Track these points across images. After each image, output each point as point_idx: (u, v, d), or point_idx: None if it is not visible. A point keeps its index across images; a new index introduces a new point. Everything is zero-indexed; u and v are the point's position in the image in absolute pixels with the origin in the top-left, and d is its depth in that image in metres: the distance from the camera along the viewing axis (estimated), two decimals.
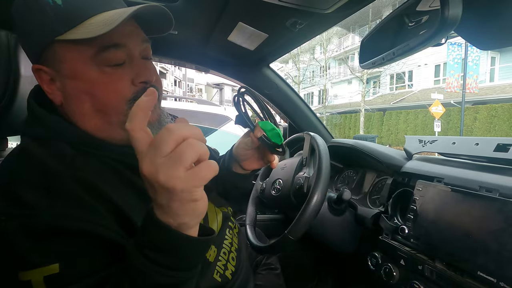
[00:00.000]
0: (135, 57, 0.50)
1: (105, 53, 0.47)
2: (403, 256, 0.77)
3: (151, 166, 0.33)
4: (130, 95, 0.49)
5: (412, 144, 0.96)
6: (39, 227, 0.39)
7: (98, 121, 0.49)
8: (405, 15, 0.60)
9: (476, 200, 0.64)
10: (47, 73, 0.49)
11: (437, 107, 10.40)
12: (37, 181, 0.42)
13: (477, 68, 11.88)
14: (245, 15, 0.87)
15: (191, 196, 0.34)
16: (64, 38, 0.45)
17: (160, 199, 0.34)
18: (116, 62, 0.48)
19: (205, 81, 25.63)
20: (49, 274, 0.38)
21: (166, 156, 0.32)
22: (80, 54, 0.47)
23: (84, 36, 0.44)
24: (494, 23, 0.50)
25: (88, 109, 0.49)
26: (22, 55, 0.66)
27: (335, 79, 20.72)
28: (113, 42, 0.47)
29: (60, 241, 0.40)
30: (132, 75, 0.50)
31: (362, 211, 0.95)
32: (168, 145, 0.32)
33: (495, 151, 0.72)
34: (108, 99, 0.48)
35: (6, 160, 0.48)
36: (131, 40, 0.49)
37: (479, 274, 0.59)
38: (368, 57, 0.70)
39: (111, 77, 0.48)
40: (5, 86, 0.64)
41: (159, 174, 0.32)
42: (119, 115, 0.49)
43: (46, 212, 0.40)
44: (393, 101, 15.87)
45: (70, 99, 0.49)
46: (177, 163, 0.32)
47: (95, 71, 0.47)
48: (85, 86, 0.47)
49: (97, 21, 0.45)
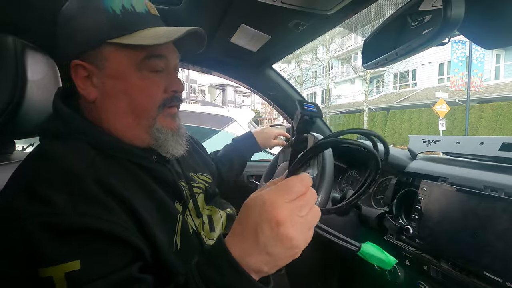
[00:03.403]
0: (171, 69, 0.57)
1: (149, 61, 0.53)
2: (408, 257, 0.77)
3: (292, 222, 0.36)
4: (161, 101, 0.55)
5: (416, 143, 0.96)
6: (60, 225, 0.40)
7: (129, 121, 0.53)
8: (407, 15, 0.60)
9: (481, 199, 0.64)
10: (86, 69, 0.52)
11: (441, 105, 10.32)
12: (58, 180, 0.44)
13: (482, 66, 11.77)
14: (247, 17, 0.87)
15: (299, 253, 0.37)
16: (119, 41, 0.51)
17: (275, 251, 0.36)
18: (157, 69, 0.54)
19: (208, 82, 25.72)
20: (70, 270, 0.39)
21: (303, 216, 0.37)
22: (127, 58, 0.52)
23: (139, 43, 0.50)
24: (497, 22, 0.50)
25: (122, 108, 0.53)
26: (29, 59, 0.68)
27: (338, 78, 20.65)
28: (158, 53, 0.53)
29: (81, 239, 0.41)
30: (166, 84, 0.55)
31: (366, 211, 0.95)
32: (309, 206, 0.38)
33: (500, 150, 0.72)
34: (143, 101, 0.53)
35: (27, 160, 0.50)
36: (170, 54, 0.56)
37: (485, 274, 0.59)
38: (371, 57, 0.70)
39: (148, 82, 0.53)
40: (13, 90, 0.65)
41: (295, 231, 0.35)
42: (149, 118, 0.54)
43: (67, 210, 0.41)
44: (396, 100, 15.77)
45: (107, 97, 0.53)
46: (309, 229, 0.37)
47: (137, 75, 0.52)
48: (124, 86, 0.52)
49: (149, 34, 0.52)
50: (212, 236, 0.63)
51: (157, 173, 0.55)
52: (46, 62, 0.74)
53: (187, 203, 0.61)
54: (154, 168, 0.55)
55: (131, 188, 0.49)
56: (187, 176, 0.65)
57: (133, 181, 0.51)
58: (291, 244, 0.35)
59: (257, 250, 0.36)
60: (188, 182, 0.64)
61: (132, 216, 0.46)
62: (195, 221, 0.60)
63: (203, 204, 0.66)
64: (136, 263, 0.44)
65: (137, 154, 0.54)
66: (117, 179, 0.48)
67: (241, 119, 3.23)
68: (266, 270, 0.37)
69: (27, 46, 0.68)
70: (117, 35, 0.51)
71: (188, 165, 0.71)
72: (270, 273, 0.38)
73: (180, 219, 0.55)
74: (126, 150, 0.53)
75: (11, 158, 0.77)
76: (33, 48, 0.70)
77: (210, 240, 0.62)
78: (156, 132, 0.54)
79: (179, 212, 0.56)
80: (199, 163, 0.77)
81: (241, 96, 31.04)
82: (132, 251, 0.45)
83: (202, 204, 0.66)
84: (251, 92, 1.47)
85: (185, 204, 0.60)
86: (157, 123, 0.55)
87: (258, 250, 0.36)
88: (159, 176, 0.56)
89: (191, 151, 0.75)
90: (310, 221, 0.37)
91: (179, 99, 0.58)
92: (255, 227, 0.36)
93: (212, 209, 0.68)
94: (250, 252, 0.37)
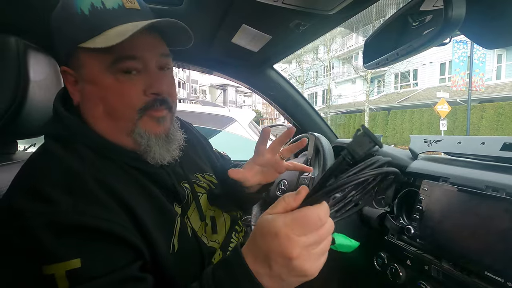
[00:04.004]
0: (151, 69, 0.52)
1: (120, 63, 0.49)
2: (409, 256, 0.77)
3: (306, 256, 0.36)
4: (140, 105, 0.51)
5: (417, 143, 0.96)
6: (62, 223, 0.41)
7: (108, 124, 0.52)
8: (408, 15, 0.61)
9: (482, 199, 0.64)
10: (72, 75, 0.52)
11: (442, 105, 10.30)
12: (60, 180, 0.45)
13: (483, 66, 11.74)
14: (248, 18, 0.87)
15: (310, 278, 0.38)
16: (85, 46, 0.48)
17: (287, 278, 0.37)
18: (130, 71, 0.50)
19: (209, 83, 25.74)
20: (71, 268, 0.39)
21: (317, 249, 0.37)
22: (98, 62, 0.49)
23: (99, 46, 0.46)
24: (498, 22, 0.50)
25: (100, 113, 0.51)
26: (32, 60, 0.68)
27: (339, 78, 20.63)
28: (129, 54, 0.49)
29: (82, 238, 0.42)
30: (145, 85, 0.51)
31: (367, 211, 0.95)
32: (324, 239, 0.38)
33: (501, 150, 0.72)
34: (119, 105, 0.50)
35: (30, 160, 0.50)
36: (147, 52, 0.51)
37: (486, 274, 0.59)
38: (372, 57, 0.70)
39: (123, 85, 0.50)
40: (15, 90, 0.65)
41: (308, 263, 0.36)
42: (128, 122, 0.51)
43: (69, 210, 0.42)
44: (398, 100, 15.74)
45: (87, 101, 0.52)
46: (322, 256, 0.38)
47: (110, 78, 0.50)
48: (99, 91, 0.50)
49: (114, 32, 0.48)
50: (214, 238, 0.62)
51: (154, 176, 0.55)
52: (48, 62, 0.75)
53: (189, 204, 0.60)
54: (151, 171, 0.54)
55: (130, 190, 0.49)
56: (189, 177, 0.64)
57: (131, 183, 0.51)
58: (305, 274, 0.37)
59: (270, 274, 0.37)
60: (190, 182, 0.63)
61: (131, 217, 0.47)
62: (195, 223, 0.59)
63: (206, 205, 0.65)
64: (136, 262, 0.45)
65: (133, 157, 0.53)
66: (117, 180, 0.48)
67: (242, 119, 3.23)
68: None
69: (29, 47, 0.68)
70: (85, 38, 0.48)
71: (195, 165, 0.69)
72: None
73: (179, 221, 0.55)
74: (122, 153, 0.52)
75: (14, 158, 0.77)
76: (35, 48, 0.71)
77: (212, 242, 0.61)
78: (137, 137, 0.52)
79: (177, 214, 0.55)
80: (206, 163, 0.75)
81: (242, 96, 31.05)
82: (131, 251, 0.45)
83: (205, 205, 0.64)
84: (252, 92, 1.47)
85: (185, 206, 0.59)
86: (138, 127, 0.51)
87: (271, 274, 0.37)
88: (157, 179, 0.55)
89: (198, 150, 0.74)
90: (324, 250, 0.38)
91: (165, 101, 0.53)
92: (268, 255, 0.37)
93: (216, 210, 0.67)
94: (263, 275, 0.38)
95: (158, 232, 0.49)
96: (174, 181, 0.58)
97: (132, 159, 0.53)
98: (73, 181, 0.45)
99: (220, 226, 0.66)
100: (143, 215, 0.48)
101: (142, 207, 0.49)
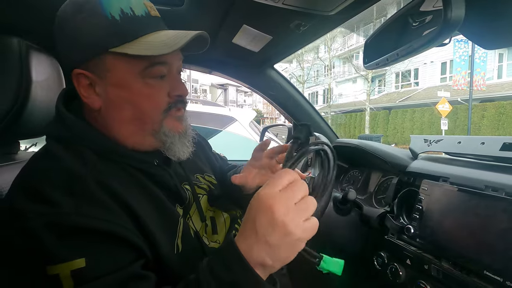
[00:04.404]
0: (173, 73, 0.55)
1: (153, 68, 0.51)
2: (409, 256, 0.77)
3: (285, 209, 0.39)
4: (165, 106, 0.54)
5: (418, 143, 0.96)
6: (64, 225, 0.41)
7: (134, 128, 0.53)
8: (409, 15, 0.61)
9: (482, 199, 0.64)
10: (88, 78, 0.51)
11: (443, 105, 10.29)
12: (62, 182, 0.45)
13: (485, 65, 11.72)
14: (249, 18, 0.88)
15: (300, 245, 0.40)
16: (120, 51, 0.48)
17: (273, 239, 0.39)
18: (160, 76, 0.52)
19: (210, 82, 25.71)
20: (76, 268, 0.40)
21: (296, 204, 0.40)
22: (130, 67, 0.50)
23: (144, 53, 0.48)
24: (498, 23, 0.50)
25: (127, 116, 0.52)
26: (34, 61, 0.68)
27: (340, 78, 20.61)
28: (161, 60, 0.51)
29: (84, 239, 0.42)
30: (169, 88, 0.54)
31: (367, 210, 0.95)
32: (300, 194, 0.41)
33: (501, 150, 0.72)
34: (147, 108, 0.52)
35: (32, 161, 0.50)
36: (173, 59, 0.54)
37: (486, 274, 0.59)
38: (372, 57, 0.70)
39: (152, 90, 0.52)
40: (17, 91, 0.66)
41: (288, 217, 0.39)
42: (155, 124, 0.53)
43: (71, 212, 0.42)
44: (398, 99, 15.72)
45: (112, 105, 0.52)
46: (303, 213, 0.40)
47: (139, 83, 0.51)
48: (128, 95, 0.51)
49: (155, 40, 0.49)
50: (215, 238, 0.63)
51: (157, 177, 0.56)
52: (50, 63, 0.75)
53: (190, 206, 0.61)
54: (154, 173, 0.55)
55: (132, 191, 0.50)
56: (190, 178, 0.65)
57: (134, 185, 0.51)
58: (286, 230, 0.38)
59: (257, 240, 0.39)
60: (191, 183, 0.64)
61: (133, 218, 0.47)
62: (197, 224, 0.60)
63: (206, 206, 0.66)
64: (138, 261, 0.46)
65: (137, 158, 0.54)
66: (119, 182, 0.49)
67: (243, 119, 3.23)
68: (270, 263, 0.40)
69: (31, 48, 0.69)
70: (118, 43, 0.48)
71: (195, 166, 0.70)
72: (274, 267, 0.41)
73: (181, 222, 0.55)
74: (126, 155, 0.53)
75: (16, 158, 0.78)
76: (37, 49, 0.71)
77: (213, 242, 0.62)
78: (163, 136, 0.54)
79: (180, 215, 0.56)
80: (206, 164, 0.76)
81: (242, 96, 31.03)
82: (133, 251, 0.46)
83: (205, 206, 0.65)
84: (253, 91, 1.47)
85: (187, 207, 0.60)
86: (163, 127, 0.54)
87: (258, 240, 0.39)
88: (159, 181, 0.56)
89: (198, 151, 0.74)
90: (305, 209, 0.40)
91: (184, 102, 0.57)
92: (254, 220, 0.40)
93: (215, 211, 0.68)
94: (252, 245, 0.40)
95: (161, 233, 0.50)
96: (177, 183, 0.59)
97: (137, 161, 0.53)
98: (74, 183, 0.45)
99: (220, 226, 0.66)
100: (145, 217, 0.48)
101: (145, 209, 0.49)
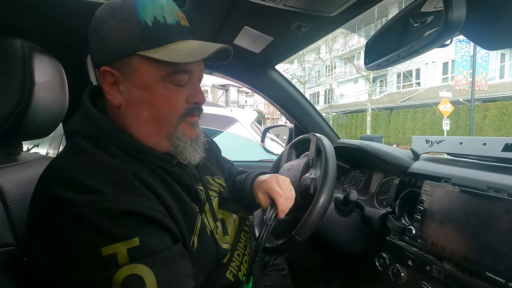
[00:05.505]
0: (194, 81, 0.58)
1: (176, 75, 0.54)
2: (410, 257, 0.77)
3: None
4: (183, 111, 0.56)
5: (419, 144, 0.96)
6: (113, 209, 0.44)
7: (151, 128, 0.55)
8: (410, 16, 0.61)
9: (484, 200, 0.64)
10: (114, 76, 0.53)
11: (445, 105, 10.25)
12: (101, 173, 0.48)
13: (487, 65, 11.67)
14: (250, 19, 0.88)
15: None
16: (148, 55, 0.50)
17: None
18: (181, 83, 0.55)
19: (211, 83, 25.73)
20: (132, 246, 0.43)
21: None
22: (155, 71, 0.52)
23: (170, 60, 0.50)
24: (499, 24, 0.50)
25: (145, 117, 0.54)
26: (37, 62, 0.69)
27: (341, 78, 20.57)
28: (185, 68, 0.54)
29: (133, 220, 0.45)
30: (188, 95, 0.57)
31: (369, 211, 0.95)
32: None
33: (503, 151, 0.72)
34: (165, 111, 0.55)
35: (63, 156, 0.54)
36: (196, 67, 0.57)
37: (488, 275, 0.59)
38: (373, 58, 0.70)
39: (172, 94, 0.54)
40: (21, 93, 0.66)
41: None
42: (170, 127, 0.56)
43: (115, 198, 0.45)
44: (400, 99, 15.67)
45: (132, 104, 0.54)
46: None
47: (162, 87, 0.53)
48: (149, 97, 0.54)
49: (181, 48, 0.52)
50: (226, 239, 0.66)
51: (178, 176, 0.59)
52: (53, 64, 0.75)
53: (204, 206, 0.64)
54: (176, 172, 0.58)
55: (159, 187, 0.53)
56: (204, 179, 0.68)
57: (159, 181, 0.54)
58: None
59: None
60: (204, 185, 0.67)
61: (165, 207, 0.51)
62: (210, 224, 0.63)
63: (217, 208, 0.68)
64: (178, 242, 0.51)
65: (159, 157, 0.56)
66: (148, 175, 0.52)
67: (244, 120, 3.23)
68: None
69: (34, 49, 0.69)
70: (147, 47, 0.51)
71: (206, 168, 0.73)
72: None
73: (200, 219, 0.59)
74: (149, 153, 0.55)
75: (19, 159, 0.78)
76: (40, 51, 0.71)
77: (224, 243, 0.64)
78: (176, 140, 0.56)
79: (198, 213, 0.59)
80: (216, 166, 0.80)
81: (243, 96, 31.03)
82: (171, 234, 0.50)
83: (216, 207, 0.68)
84: (254, 92, 1.48)
85: (201, 207, 0.63)
86: (178, 131, 0.56)
87: None
88: (179, 179, 0.59)
89: (209, 154, 0.76)
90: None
91: (200, 109, 0.60)
92: None
93: (224, 213, 0.70)
94: None
95: (184, 227, 0.53)
96: (193, 182, 0.62)
97: (159, 159, 0.56)
98: (113, 174, 0.48)
99: (231, 228, 0.69)
100: (173, 208, 0.52)
101: (170, 201, 0.53)
